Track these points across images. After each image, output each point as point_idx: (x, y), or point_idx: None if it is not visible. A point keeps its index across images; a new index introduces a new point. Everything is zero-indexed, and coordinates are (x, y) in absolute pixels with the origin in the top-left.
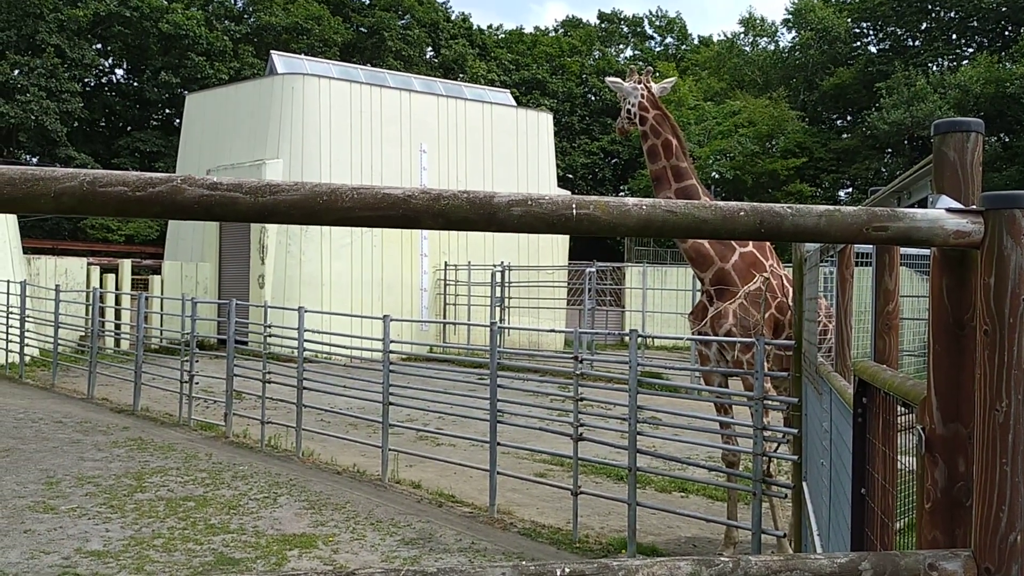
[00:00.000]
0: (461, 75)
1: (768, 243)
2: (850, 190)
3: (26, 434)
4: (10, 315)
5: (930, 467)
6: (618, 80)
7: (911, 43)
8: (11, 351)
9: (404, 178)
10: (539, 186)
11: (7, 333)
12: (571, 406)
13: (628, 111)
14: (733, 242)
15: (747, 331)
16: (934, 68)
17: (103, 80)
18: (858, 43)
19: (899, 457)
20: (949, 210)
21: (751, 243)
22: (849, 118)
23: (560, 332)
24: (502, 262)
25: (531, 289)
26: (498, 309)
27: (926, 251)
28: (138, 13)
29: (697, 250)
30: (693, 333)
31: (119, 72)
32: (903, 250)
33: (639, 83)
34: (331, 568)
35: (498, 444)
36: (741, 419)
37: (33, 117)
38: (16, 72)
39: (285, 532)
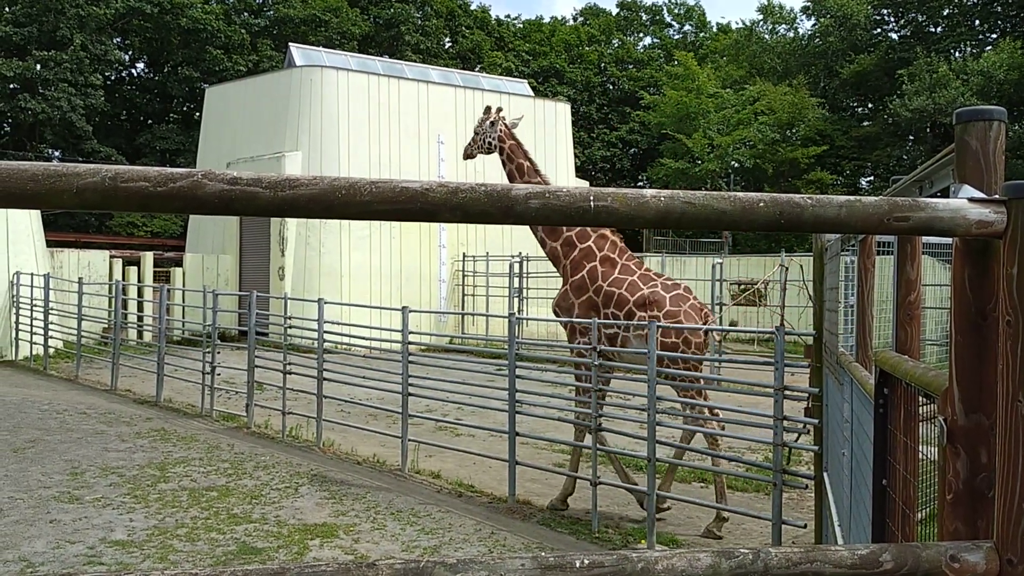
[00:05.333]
0: (478, 65)
1: (612, 235)
2: (871, 178)
3: (51, 425)
4: (34, 308)
5: (952, 458)
6: (480, 119)
7: (933, 29)
8: (35, 343)
9: (422, 169)
10: (557, 177)
11: (31, 326)
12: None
13: (488, 142)
14: (576, 240)
15: (565, 312)
16: (956, 54)
17: (124, 74)
18: (879, 30)
19: (921, 448)
20: (971, 199)
21: (592, 239)
22: (870, 105)
23: (579, 322)
24: (520, 253)
25: (549, 280)
26: (516, 300)
27: (949, 240)
28: (159, 8)
29: (554, 251)
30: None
31: (139, 66)
32: (926, 239)
33: (497, 119)
34: (352, 558)
35: (517, 434)
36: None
37: (58, 112)
38: (38, 67)
39: (306, 522)
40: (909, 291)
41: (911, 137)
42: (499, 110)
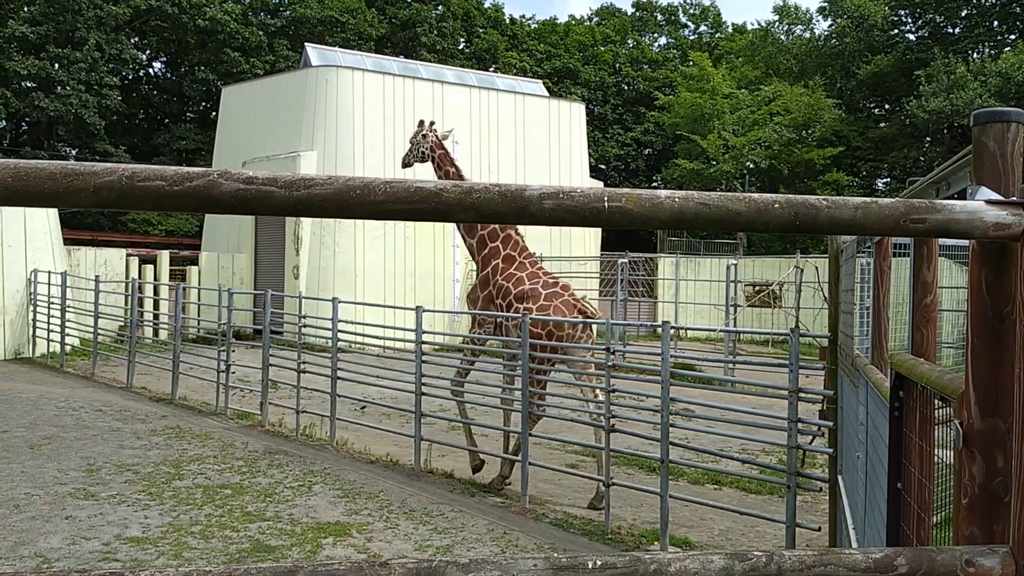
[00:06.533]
0: (493, 65)
1: (515, 235)
2: (888, 179)
3: (67, 422)
4: (51, 305)
5: (968, 462)
6: (416, 131)
7: (951, 30)
8: (52, 341)
9: None
10: (571, 177)
11: (48, 323)
12: (603, 397)
13: (422, 151)
14: (487, 239)
15: (471, 303)
16: (975, 55)
17: (141, 74)
18: (896, 31)
19: (936, 451)
20: (988, 202)
21: (499, 238)
22: (887, 106)
23: (592, 323)
24: (534, 253)
25: (563, 280)
26: None
27: (965, 242)
28: (177, 8)
29: (471, 248)
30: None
31: (156, 66)
32: (942, 240)
33: (428, 132)
34: (365, 556)
35: (530, 435)
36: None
37: (72, 111)
38: (56, 66)
39: (320, 520)
40: (925, 293)
41: (928, 138)
42: (432, 123)
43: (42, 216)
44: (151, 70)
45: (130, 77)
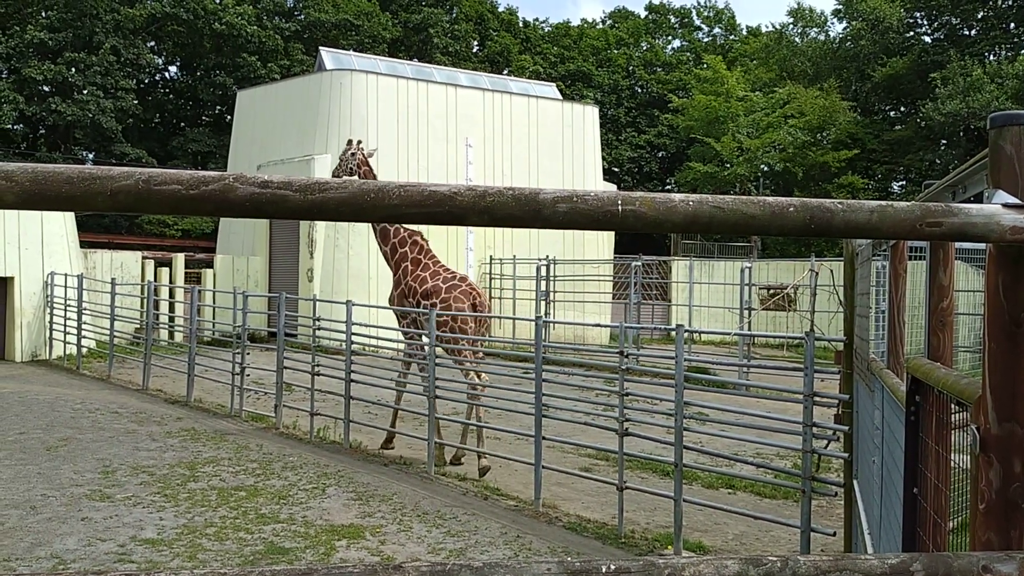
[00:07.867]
0: (506, 68)
1: (421, 240)
2: (903, 182)
3: (83, 424)
4: (68, 308)
5: (984, 467)
6: (344, 149)
7: (967, 32)
8: (69, 343)
9: (450, 173)
10: (585, 180)
11: (65, 325)
12: (617, 401)
13: (350, 167)
14: (398, 245)
15: (391, 302)
16: (991, 58)
17: (157, 78)
18: (911, 33)
19: (952, 456)
20: (1005, 205)
21: (408, 244)
22: (903, 109)
23: (605, 326)
24: (547, 256)
25: (576, 283)
26: (543, 303)
27: (982, 245)
28: (192, 14)
29: (386, 253)
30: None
31: (172, 69)
32: (959, 244)
33: (356, 150)
34: (378, 559)
35: (543, 438)
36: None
37: (89, 115)
38: (72, 70)
39: (333, 522)
40: (941, 297)
41: (944, 141)
42: (359, 142)
43: (58, 219)
44: (167, 74)
45: (146, 81)
